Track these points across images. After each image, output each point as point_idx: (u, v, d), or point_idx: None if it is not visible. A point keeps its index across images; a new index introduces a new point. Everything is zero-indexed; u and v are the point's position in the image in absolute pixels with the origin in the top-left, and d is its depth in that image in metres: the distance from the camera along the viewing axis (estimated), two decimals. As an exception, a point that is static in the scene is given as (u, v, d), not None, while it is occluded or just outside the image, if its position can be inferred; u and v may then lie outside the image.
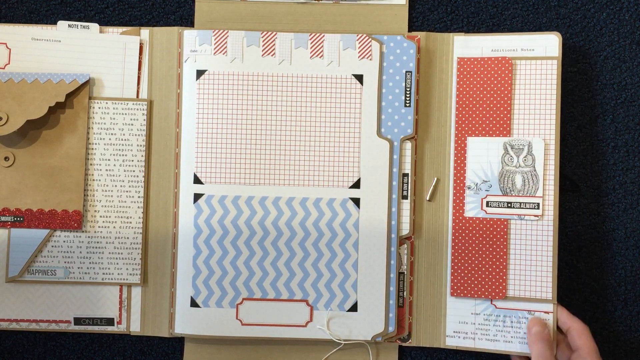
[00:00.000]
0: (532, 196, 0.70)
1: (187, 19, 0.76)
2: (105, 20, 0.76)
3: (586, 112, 0.75)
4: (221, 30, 0.72)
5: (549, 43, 0.70)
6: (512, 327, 0.70)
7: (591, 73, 0.75)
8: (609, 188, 0.75)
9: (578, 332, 0.67)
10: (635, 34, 0.75)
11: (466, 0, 0.76)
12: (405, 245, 0.73)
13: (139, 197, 0.72)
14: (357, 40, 0.72)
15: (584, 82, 0.75)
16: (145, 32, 0.73)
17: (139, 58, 0.73)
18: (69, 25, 0.73)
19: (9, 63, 0.73)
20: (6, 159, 0.72)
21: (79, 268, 0.72)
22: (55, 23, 0.74)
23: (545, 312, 0.69)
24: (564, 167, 0.73)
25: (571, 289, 0.74)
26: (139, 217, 0.72)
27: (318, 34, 0.73)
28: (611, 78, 0.75)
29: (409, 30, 0.75)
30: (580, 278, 0.75)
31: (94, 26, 0.73)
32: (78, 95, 0.72)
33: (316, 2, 0.75)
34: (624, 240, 0.75)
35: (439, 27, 0.75)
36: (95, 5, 0.76)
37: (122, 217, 0.72)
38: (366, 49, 0.72)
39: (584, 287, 0.75)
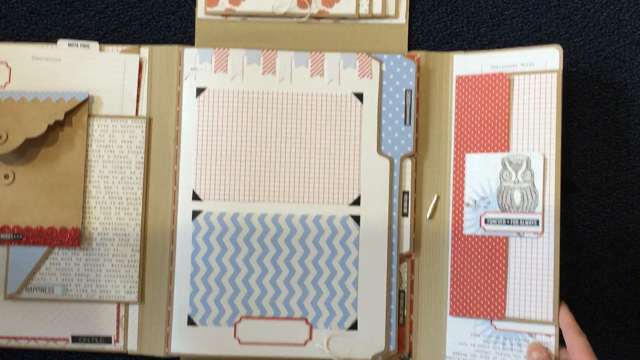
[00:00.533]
0: (531, 212, 0.69)
1: (188, 40, 0.76)
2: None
3: (586, 112, 0.75)
4: (222, 48, 0.72)
5: (549, 57, 0.70)
6: (512, 349, 0.69)
7: (591, 73, 0.76)
8: (609, 188, 0.75)
9: (578, 349, 0.65)
10: (635, 34, 0.76)
11: (466, 1, 0.76)
12: (406, 263, 0.72)
13: (137, 214, 0.72)
14: (357, 59, 0.73)
15: (584, 82, 0.75)
16: (145, 50, 0.74)
17: (139, 76, 0.73)
18: (69, 44, 0.74)
19: (9, 82, 0.73)
20: (6, 176, 0.71)
21: (76, 285, 0.71)
22: (54, 35, 0.74)
23: (547, 335, 0.68)
24: (563, 169, 0.73)
25: (571, 289, 0.73)
26: (137, 235, 0.72)
27: (318, 53, 0.73)
28: (611, 78, 0.75)
29: (409, 48, 0.75)
30: (580, 278, 0.75)
31: (94, 45, 0.74)
32: (77, 113, 0.72)
33: (316, 21, 0.75)
34: (624, 240, 0.75)
35: (439, 26, 0.76)
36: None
37: (120, 234, 0.72)
38: (366, 68, 0.73)
39: (584, 287, 0.75)
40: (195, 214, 0.71)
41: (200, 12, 0.75)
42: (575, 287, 0.74)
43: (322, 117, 0.72)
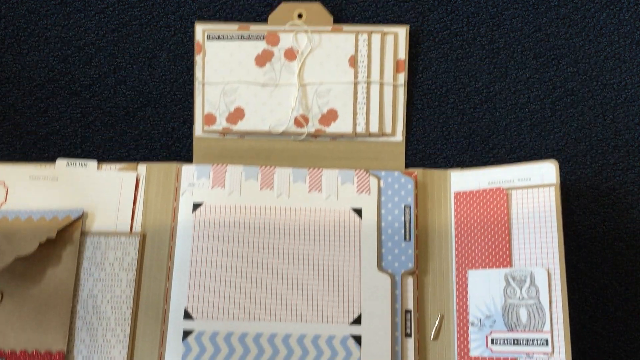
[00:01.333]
0: (539, 331, 0.66)
1: (185, 157, 0.76)
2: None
3: (586, 112, 0.75)
4: (220, 165, 0.72)
5: (546, 171, 0.70)
6: None
7: (591, 73, 0.76)
8: (609, 188, 0.74)
9: None
10: (635, 34, 0.77)
11: (466, 1, 0.77)
12: (410, 389, 0.68)
13: (124, 335, 0.68)
14: (355, 175, 0.72)
15: (584, 82, 0.76)
16: (142, 167, 0.74)
17: (135, 192, 0.73)
18: (68, 163, 0.74)
19: (5, 201, 0.72)
20: (-6, 298, 0.69)
21: (54, 416, 0.66)
22: (53, 156, 0.75)
23: None
24: (563, 170, 0.73)
25: (571, 289, 0.70)
26: (123, 358, 0.68)
27: (316, 169, 0.73)
28: (611, 78, 0.76)
29: (406, 165, 0.76)
30: (580, 278, 0.72)
31: (92, 163, 0.74)
32: (70, 229, 0.71)
33: (313, 139, 0.76)
34: (624, 240, 0.73)
35: (439, 26, 0.76)
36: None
37: (104, 358, 0.68)
38: (364, 184, 0.72)
39: (584, 288, 0.72)
40: (186, 334, 0.68)
41: (198, 130, 0.76)
42: (576, 287, 0.72)
43: (321, 232, 0.71)
